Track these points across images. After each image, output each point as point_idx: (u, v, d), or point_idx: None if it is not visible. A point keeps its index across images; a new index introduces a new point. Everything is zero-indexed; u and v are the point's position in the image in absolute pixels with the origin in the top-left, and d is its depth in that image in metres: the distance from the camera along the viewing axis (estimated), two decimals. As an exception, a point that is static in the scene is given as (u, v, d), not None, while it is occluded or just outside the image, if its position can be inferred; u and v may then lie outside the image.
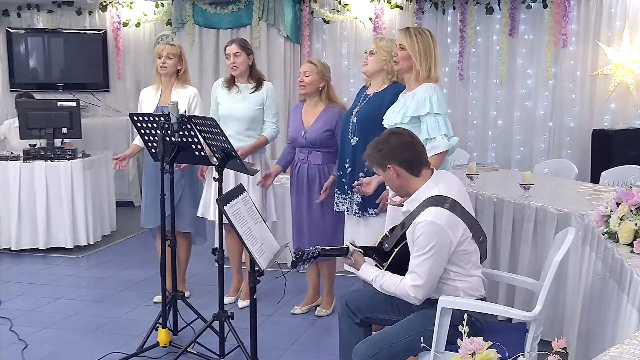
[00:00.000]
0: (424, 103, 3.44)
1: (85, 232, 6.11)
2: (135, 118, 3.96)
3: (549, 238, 3.84)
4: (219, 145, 3.77)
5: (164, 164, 3.82)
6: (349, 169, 4.02)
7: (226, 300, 4.44)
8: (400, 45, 3.54)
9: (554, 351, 1.74)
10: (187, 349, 3.78)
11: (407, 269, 2.84)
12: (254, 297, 3.31)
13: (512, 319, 3.42)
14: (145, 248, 6.09)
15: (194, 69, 7.64)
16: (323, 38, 8.00)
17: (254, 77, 4.62)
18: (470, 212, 2.90)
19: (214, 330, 3.83)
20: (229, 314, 3.78)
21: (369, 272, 2.94)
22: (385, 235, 3.08)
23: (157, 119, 3.84)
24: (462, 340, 1.85)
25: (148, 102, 4.72)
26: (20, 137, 6.14)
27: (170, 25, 8.20)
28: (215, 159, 3.83)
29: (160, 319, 3.95)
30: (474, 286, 2.89)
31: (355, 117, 3.98)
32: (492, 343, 1.82)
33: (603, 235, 3.01)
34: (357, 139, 3.95)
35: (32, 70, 8.54)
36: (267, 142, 4.67)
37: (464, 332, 1.88)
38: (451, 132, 3.48)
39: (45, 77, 8.51)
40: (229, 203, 3.16)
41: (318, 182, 4.40)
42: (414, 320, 2.88)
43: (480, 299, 2.90)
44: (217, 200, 3.36)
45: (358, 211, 4.00)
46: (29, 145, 6.08)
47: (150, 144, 4.04)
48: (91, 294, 5.09)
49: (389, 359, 2.82)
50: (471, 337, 1.85)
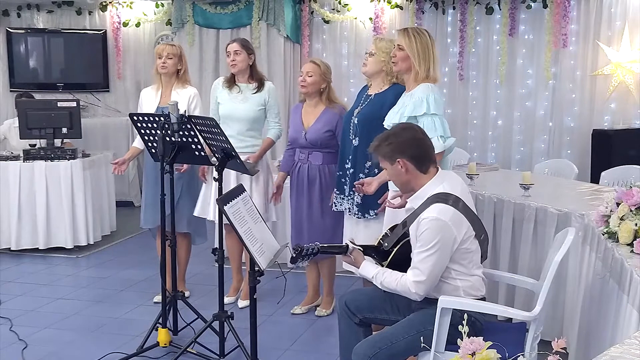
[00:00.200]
0: (421, 103, 3.44)
1: (85, 232, 6.11)
2: (135, 118, 3.96)
3: (549, 238, 3.84)
4: (219, 145, 3.77)
5: (164, 164, 3.82)
6: (350, 169, 4.02)
7: (226, 300, 4.44)
8: (398, 45, 3.54)
9: (554, 351, 1.74)
10: (187, 349, 3.78)
11: (407, 268, 2.84)
12: (254, 297, 3.31)
13: (512, 319, 3.43)
14: (145, 248, 6.09)
15: (194, 69, 7.64)
16: (323, 38, 8.00)
17: (255, 77, 4.63)
18: (473, 210, 2.91)
19: (214, 330, 3.83)
20: (229, 314, 3.78)
21: (369, 270, 2.95)
22: (385, 234, 3.08)
23: (157, 119, 3.85)
24: (462, 340, 1.85)
25: (148, 102, 4.72)
26: (20, 137, 6.14)
27: (170, 25, 8.20)
28: (215, 159, 3.83)
29: (160, 319, 3.95)
30: (475, 286, 2.89)
31: (357, 118, 3.98)
32: (492, 343, 1.82)
33: (603, 235, 3.01)
34: (358, 139, 3.95)
35: (32, 70, 8.54)
36: (274, 143, 4.70)
37: (464, 332, 1.88)
38: (448, 133, 3.47)
39: (45, 77, 8.51)
40: (229, 203, 3.16)
41: (318, 183, 4.40)
42: (414, 320, 2.88)
43: (481, 299, 2.90)
44: (217, 200, 3.36)
45: (358, 212, 4.00)
46: (29, 145, 6.08)
47: (150, 144, 4.04)
48: (91, 294, 5.09)
49: (388, 359, 2.82)
50: (471, 337, 1.85)
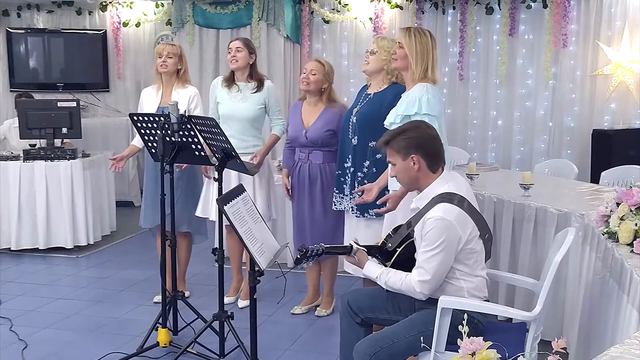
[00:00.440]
0: (413, 103, 3.43)
1: (85, 232, 6.11)
2: (135, 118, 3.96)
3: (549, 238, 3.84)
4: (219, 145, 3.77)
5: (164, 164, 3.82)
6: (350, 168, 4.02)
7: (226, 300, 4.44)
8: (399, 43, 3.55)
9: (554, 351, 1.74)
10: (187, 349, 3.78)
11: (410, 269, 2.84)
12: (254, 297, 3.31)
13: (512, 319, 3.43)
14: (145, 248, 6.09)
15: (194, 69, 7.64)
16: (323, 38, 8.00)
17: (255, 77, 4.63)
18: (477, 210, 2.91)
19: (214, 330, 3.83)
20: (229, 314, 3.78)
21: (374, 270, 2.95)
22: (388, 234, 3.08)
23: (157, 119, 3.85)
24: (462, 340, 1.85)
25: (149, 102, 4.72)
26: (20, 137, 6.14)
27: (170, 25, 8.20)
28: (215, 159, 3.83)
29: (160, 319, 3.95)
30: (478, 287, 2.89)
31: (355, 117, 3.98)
32: (492, 343, 1.82)
33: (603, 235, 3.01)
34: (357, 138, 3.96)
35: (32, 70, 8.54)
36: (279, 139, 4.72)
37: (464, 332, 1.88)
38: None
39: (45, 77, 8.51)
40: (229, 203, 3.16)
41: (319, 182, 4.40)
42: (416, 320, 2.88)
43: (484, 301, 2.90)
44: (217, 200, 3.36)
45: (356, 211, 4.00)
46: (29, 145, 6.08)
47: (150, 144, 4.04)
48: (91, 294, 5.09)
49: (389, 358, 2.82)
50: (471, 337, 1.85)
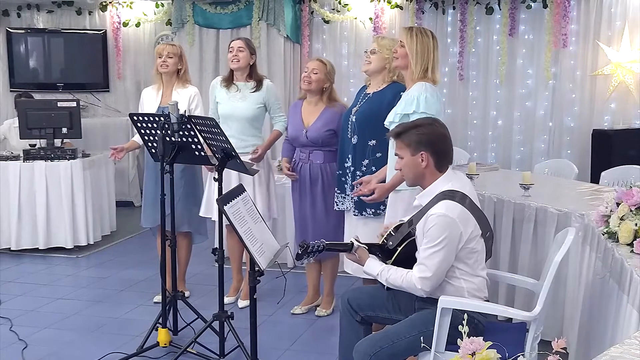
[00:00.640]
0: (412, 102, 3.44)
1: (85, 232, 6.11)
2: (135, 118, 3.96)
3: (549, 238, 3.84)
4: (219, 145, 3.77)
5: (164, 164, 3.82)
6: (350, 167, 4.02)
7: (226, 300, 4.44)
8: (401, 42, 3.56)
9: (554, 351, 1.74)
10: (187, 349, 3.78)
11: (411, 267, 2.85)
12: (254, 297, 3.31)
13: (512, 319, 3.43)
14: (145, 248, 6.09)
15: (194, 69, 7.63)
16: (323, 38, 8.00)
17: (254, 77, 4.63)
18: (479, 207, 2.92)
19: (214, 330, 3.83)
20: (229, 314, 3.78)
21: (374, 267, 2.95)
22: (389, 233, 3.08)
23: (157, 119, 3.85)
24: (462, 340, 1.85)
25: (150, 102, 4.72)
26: (20, 137, 6.14)
27: (170, 25, 8.20)
28: (215, 159, 3.83)
29: (160, 319, 3.95)
30: (479, 287, 2.89)
31: (355, 116, 3.99)
32: (492, 343, 1.82)
33: (603, 235, 3.01)
34: (357, 137, 3.96)
35: (32, 70, 8.54)
36: (280, 135, 4.72)
37: (464, 332, 1.88)
38: None
39: (45, 77, 8.51)
40: (229, 203, 3.16)
41: (320, 181, 4.40)
42: (416, 320, 2.88)
43: (483, 301, 2.90)
44: (217, 200, 3.36)
45: (355, 210, 4.00)
46: (29, 145, 6.08)
47: (150, 144, 4.04)
48: (91, 294, 5.09)
49: (389, 358, 2.82)
50: (471, 337, 1.85)
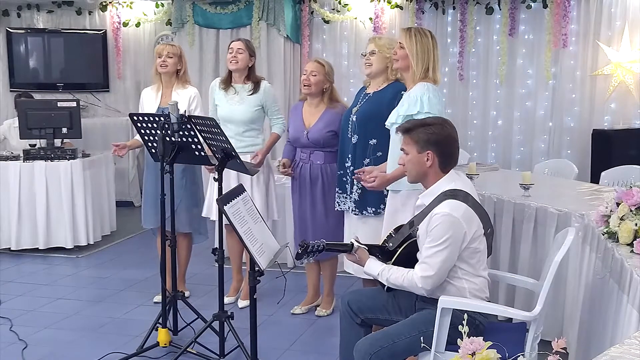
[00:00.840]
0: (415, 102, 3.44)
1: (85, 232, 6.11)
2: (135, 118, 3.96)
3: (549, 238, 3.84)
4: (219, 146, 3.77)
5: (164, 164, 3.82)
6: (350, 167, 4.02)
7: (226, 300, 4.44)
8: (400, 44, 3.56)
9: (554, 351, 1.74)
10: (187, 349, 3.78)
11: (412, 268, 2.85)
12: (254, 297, 3.31)
13: (512, 319, 3.42)
14: (145, 248, 6.09)
15: (194, 69, 7.63)
16: (323, 38, 8.00)
17: (251, 79, 4.62)
18: (481, 205, 2.93)
19: (214, 330, 3.83)
20: (229, 314, 3.78)
21: (375, 267, 2.94)
22: (389, 234, 3.08)
23: (157, 119, 3.85)
24: (462, 340, 1.85)
25: (149, 103, 4.72)
26: (20, 137, 6.15)
27: (170, 25, 8.20)
28: (215, 159, 3.83)
29: (160, 319, 3.95)
30: (480, 288, 2.90)
31: (355, 116, 3.99)
32: (492, 343, 1.82)
33: (603, 235, 3.01)
34: (357, 137, 3.96)
35: (32, 70, 8.54)
36: (279, 137, 4.71)
37: (464, 332, 1.88)
38: None
39: (45, 77, 8.51)
40: (229, 203, 3.16)
41: (320, 182, 4.40)
42: (417, 320, 2.88)
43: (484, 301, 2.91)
44: (217, 200, 3.36)
45: (355, 209, 4.00)
46: (29, 145, 6.08)
47: (150, 144, 4.04)
48: (91, 294, 5.09)
49: (389, 358, 2.82)
50: (472, 337, 1.85)
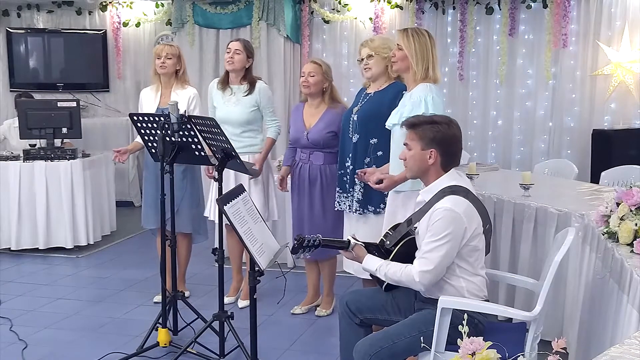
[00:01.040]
0: (419, 103, 3.44)
1: (85, 232, 6.12)
2: (135, 118, 3.96)
3: (549, 238, 3.85)
4: (219, 146, 3.77)
5: (164, 164, 3.82)
6: (350, 166, 4.02)
7: (226, 300, 4.44)
8: (398, 45, 3.56)
9: (554, 351, 1.74)
10: (187, 349, 3.78)
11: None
12: (254, 297, 3.31)
13: (512, 319, 3.42)
14: (145, 248, 6.09)
15: (194, 69, 7.63)
16: (323, 38, 8.00)
17: (247, 79, 4.62)
18: (480, 201, 2.93)
19: (214, 330, 3.83)
20: (229, 314, 3.78)
21: (373, 262, 2.94)
22: (387, 232, 3.08)
23: (157, 119, 3.85)
24: (462, 340, 1.85)
25: (148, 103, 4.72)
26: (20, 137, 6.15)
27: (170, 25, 8.19)
28: (215, 159, 3.83)
29: (160, 319, 3.95)
30: (479, 287, 2.90)
31: (356, 115, 3.99)
32: (492, 343, 1.82)
33: (603, 235, 3.01)
34: (358, 136, 3.96)
35: (32, 70, 8.54)
36: (274, 141, 4.70)
37: (464, 332, 1.88)
38: None
39: (45, 77, 8.51)
40: (229, 203, 3.16)
41: (319, 182, 4.40)
42: (417, 320, 2.88)
43: (483, 301, 2.91)
44: (217, 200, 3.36)
45: (359, 208, 3.99)
46: (29, 145, 6.08)
47: (150, 144, 4.04)
48: (91, 294, 5.09)
49: (389, 358, 2.82)
50: (472, 337, 1.85)
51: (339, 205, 4.16)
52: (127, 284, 5.29)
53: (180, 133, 3.77)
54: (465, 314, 2.12)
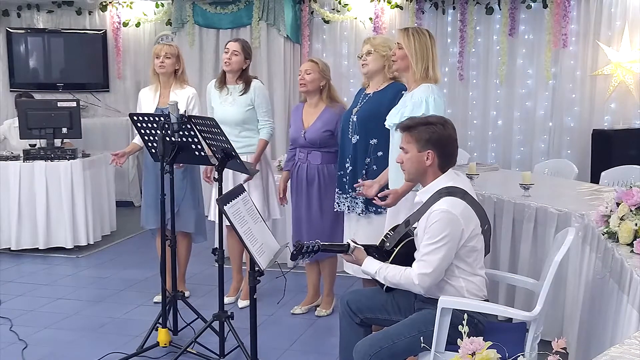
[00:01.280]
0: (420, 104, 3.43)
1: (85, 232, 6.12)
2: (135, 118, 3.96)
3: (549, 238, 3.84)
4: (219, 145, 3.77)
5: (164, 164, 3.82)
6: (350, 167, 4.02)
7: (226, 300, 4.44)
8: (398, 44, 3.56)
9: (554, 351, 1.74)
10: (187, 349, 3.78)
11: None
12: (254, 297, 3.31)
13: (512, 319, 3.42)
14: (145, 248, 6.09)
15: (194, 69, 7.64)
16: (323, 38, 8.00)
17: (244, 79, 4.61)
18: (478, 202, 2.93)
19: (214, 330, 3.83)
20: (229, 314, 3.78)
21: (372, 265, 2.94)
22: (386, 235, 3.08)
23: (157, 119, 3.85)
24: (462, 340, 1.85)
25: (147, 103, 4.72)
26: (20, 137, 6.15)
27: (170, 25, 8.19)
28: (215, 159, 3.83)
29: (160, 319, 3.95)
30: (478, 286, 2.89)
31: (355, 116, 3.98)
32: (492, 343, 1.82)
33: (603, 235, 3.01)
34: (358, 137, 3.95)
35: (32, 70, 8.54)
36: (267, 143, 4.68)
37: (464, 332, 1.88)
38: None
39: (45, 77, 8.51)
40: (229, 203, 3.16)
41: (317, 182, 4.40)
42: (417, 320, 2.88)
43: (483, 301, 2.90)
44: (217, 200, 3.36)
45: (365, 209, 3.97)
46: (29, 145, 6.08)
47: (150, 144, 4.04)
48: (91, 294, 5.09)
49: (389, 358, 2.82)
50: (472, 337, 1.85)
51: (339, 206, 4.15)
52: (127, 284, 5.29)
53: (180, 133, 3.77)
54: (465, 314, 2.12)
